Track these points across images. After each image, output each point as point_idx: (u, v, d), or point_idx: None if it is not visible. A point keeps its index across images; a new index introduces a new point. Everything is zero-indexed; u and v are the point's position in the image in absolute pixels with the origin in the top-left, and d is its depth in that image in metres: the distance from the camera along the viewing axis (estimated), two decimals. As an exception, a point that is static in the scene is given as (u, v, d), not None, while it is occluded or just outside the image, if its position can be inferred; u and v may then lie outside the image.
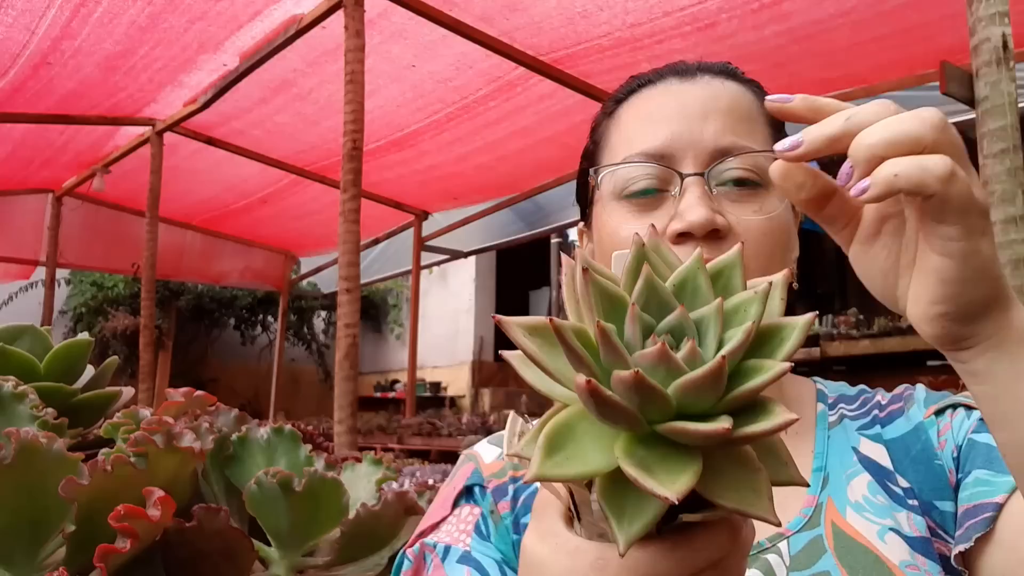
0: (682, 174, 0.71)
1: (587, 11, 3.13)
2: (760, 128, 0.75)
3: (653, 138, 0.73)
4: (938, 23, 2.92)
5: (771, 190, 0.72)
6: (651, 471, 0.37)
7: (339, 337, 2.59)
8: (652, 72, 0.79)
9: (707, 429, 0.36)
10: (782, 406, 0.38)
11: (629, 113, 0.78)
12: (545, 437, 0.40)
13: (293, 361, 10.05)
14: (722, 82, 0.76)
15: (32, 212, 5.94)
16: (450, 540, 0.70)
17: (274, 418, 6.21)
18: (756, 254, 0.70)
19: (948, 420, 0.72)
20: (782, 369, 0.37)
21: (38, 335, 0.94)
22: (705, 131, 0.72)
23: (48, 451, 0.67)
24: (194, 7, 3.32)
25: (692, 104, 0.74)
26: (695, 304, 0.40)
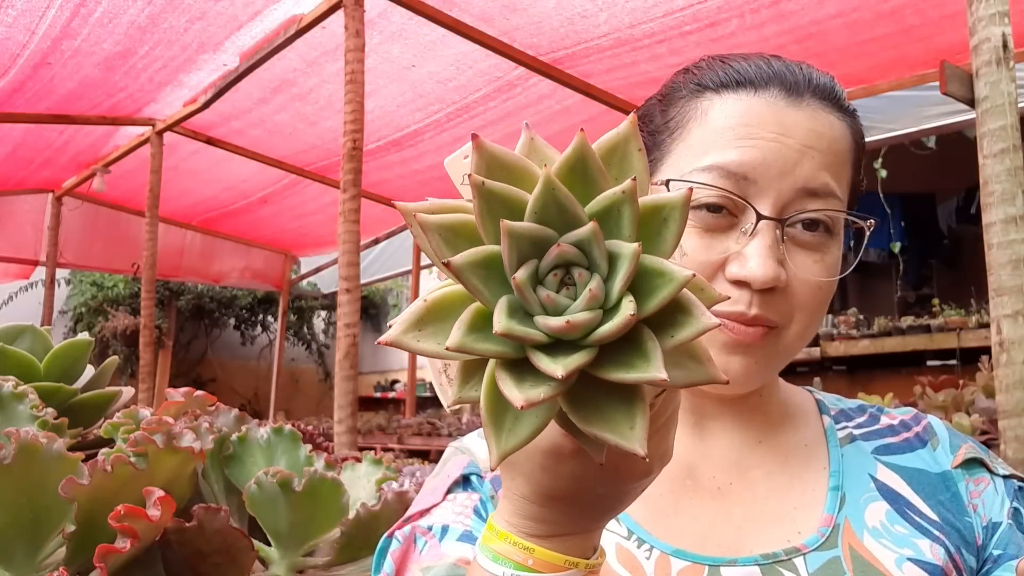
0: (760, 215, 0.67)
1: (587, 11, 3.13)
2: (848, 170, 0.71)
3: (742, 154, 0.67)
4: (938, 23, 2.92)
5: (835, 239, 0.70)
6: (602, 413, 0.38)
7: (339, 337, 2.59)
8: (756, 71, 0.71)
9: (643, 378, 0.36)
10: (700, 305, 0.38)
11: (725, 111, 0.70)
12: (486, 413, 0.39)
13: (293, 361, 10.05)
14: (828, 114, 0.70)
15: (32, 212, 5.94)
16: (446, 521, 0.69)
17: (274, 418, 6.21)
18: (804, 307, 0.68)
19: (977, 487, 0.72)
20: (683, 278, 0.37)
21: (38, 335, 0.94)
22: (799, 169, 0.67)
23: (48, 451, 0.67)
24: (194, 7, 3.32)
25: (794, 135, 0.68)
26: (565, 222, 0.39)
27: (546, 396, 0.36)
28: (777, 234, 0.67)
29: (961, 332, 4.82)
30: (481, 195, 0.38)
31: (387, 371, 11.25)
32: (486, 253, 0.38)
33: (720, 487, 0.72)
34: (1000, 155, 1.62)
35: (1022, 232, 1.59)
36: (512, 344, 0.38)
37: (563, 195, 0.38)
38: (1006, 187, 1.60)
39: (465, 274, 0.38)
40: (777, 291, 0.67)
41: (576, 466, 0.46)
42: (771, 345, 0.69)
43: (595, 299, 0.37)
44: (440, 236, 0.39)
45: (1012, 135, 1.62)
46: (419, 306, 0.40)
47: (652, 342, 0.37)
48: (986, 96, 1.65)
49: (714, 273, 0.68)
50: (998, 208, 1.61)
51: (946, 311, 5.18)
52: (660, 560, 0.67)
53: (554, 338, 0.37)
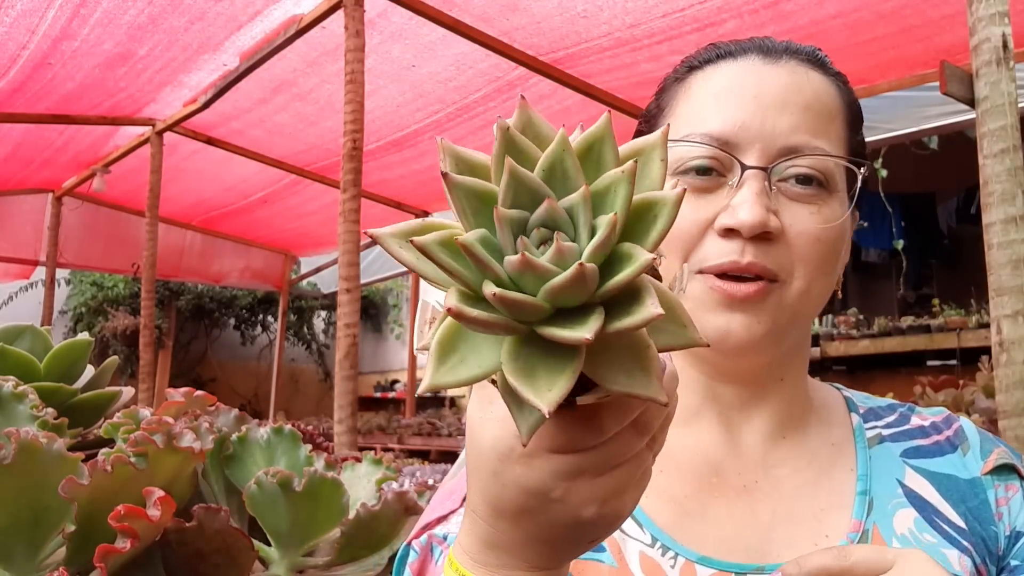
0: (744, 165, 0.67)
1: (587, 11, 3.13)
2: (837, 128, 0.71)
3: (722, 121, 0.68)
4: (938, 23, 2.92)
5: (834, 195, 0.69)
6: (532, 375, 0.37)
7: (339, 337, 2.59)
8: (735, 44, 0.74)
9: (572, 337, 0.36)
10: (654, 296, 0.37)
11: (702, 85, 0.72)
12: (437, 343, 0.39)
13: (293, 361, 10.05)
14: (807, 71, 0.71)
15: (32, 212, 5.94)
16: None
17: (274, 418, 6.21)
18: (805, 259, 0.67)
19: (1006, 494, 0.71)
20: (644, 262, 0.37)
21: (38, 335, 0.94)
22: (779, 124, 0.68)
23: (48, 451, 0.67)
24: (194, 7, 3.32)
25: (771, 91, 0.69)
26: (566, 189, 0.39)
27: (481, 317, 0.37)
28: (765, 184, 0.67)
29: (961, 332, 4.82)
30: (504, 140, 0.39)
31: (387, 371, 11.25)
32: (485, 188, 0.39)
33: (746, 485, 0.71)
34: (1000, 155, 1.62)
35: (1022, 232, 1.59)
36: (473, 272, 0.38)
37: (572, 161, 0.39)
38: (1006, 187, 1.60)
39: (459, 199, 0.39)
40: (773, 241, 0.67)
41: (522, 473, 0.44)
42: (774, 302, 0.67)
43: (560, 254, 0.37)
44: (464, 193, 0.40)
45: (1012, 135, 1.62)
46: (417, 223, 0.41)
47: (596, 316, 0.37)
48: (986, 96, 1.65)
49: (704, 230, 0.68)
50: (998, 208, 1.61)
51: (946, 311, 5.18)
52: (685, 568, 0.66)
53: (515, 283, 0.38)
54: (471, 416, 0.48)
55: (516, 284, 0.38)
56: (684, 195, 0.39)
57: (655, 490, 0.69)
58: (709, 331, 0.67)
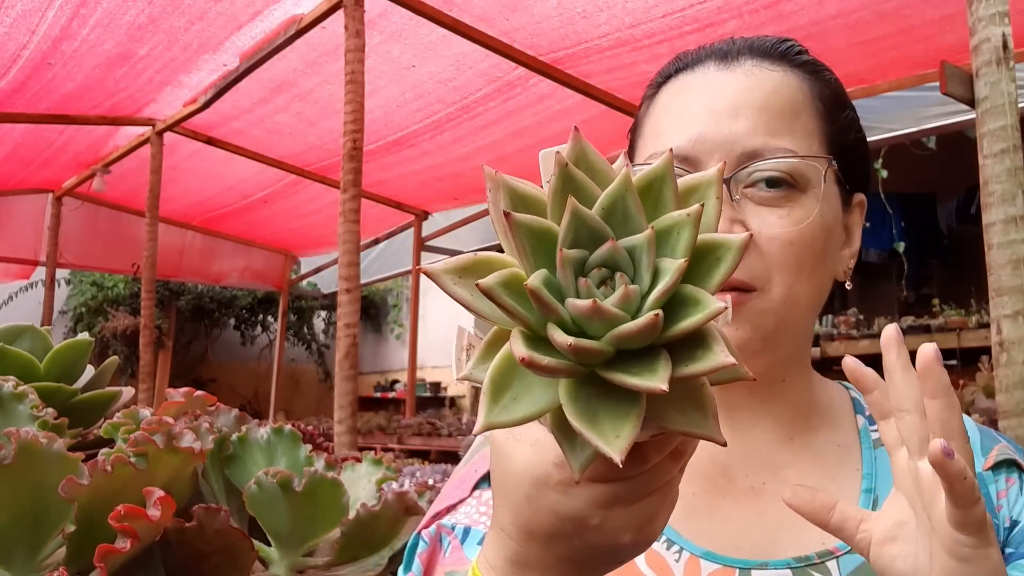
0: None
1: (587, 11, 3.13)
2: (803, 121, 0.69)
3: (679, 136, 0.69)
4: (938, 23, 2.92)
5: (807, 193, 0.68)
6: (595, 417, 0.37)
7: (339, 337, 2.59)
8: (694, 53, 0.73)
9: (645, 386, 0.36)
10: (721, 342, 0.37)
11: (663, 102, 0.73)
12: (490, 381, 0.39)
13: (293, 361, 10.05)
14: (765, 69, 0.70)
15: (32, 212, 5.94)
16: (470, 522, 0.68)
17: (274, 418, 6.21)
18: (779, 265, 0.66)
19: (1006, 486, 0.70)
20: (715, 310, 0.36)
21: (38, 335, 0.94)
22: (733, 130, 0.67)
23: (48, 451, 0.67)
24: (194, 7, 3.32)
25: (723, 99, 0.68)
26: (627, 229, 0.39)
27: (552, 364, 0.37)
28: (726, 195, 0.66)
29: (961, 332, 4.83)
30: (562, 176, 0.39)
31: (387, 371, 11.25)
32: (545, 227, 0.39)
33: (754, 486, 0.71)
34: (1000, 155, 1.62)
35: (1022, 232, 1.59)
36: (535, 315, 0.38)
37: (634, 200, 0.39)
38: (1006, 187, 1.60)
39: (520, 238, 0.39)
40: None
41: (559, 500, 0.44)
42: (752, 310, 0.66)
43: (627, 298, 0.37)
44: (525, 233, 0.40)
45: (1012, 135, 1.62)
46: (468, 259, 0.41)
47: (665, 361, 0.37)
48: (986, 96, 1.65)
49: None
50: (998, 208, 1.61)
51: (946, 311, 5.19)
52: (690, 562, 0.66)
53: (578, 325, 0.38)
54: (497, 438, 0.48)
55: (579, 326, 0.38)
56: (749, 240, 0.39)
57: None
58: None
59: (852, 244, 0.74)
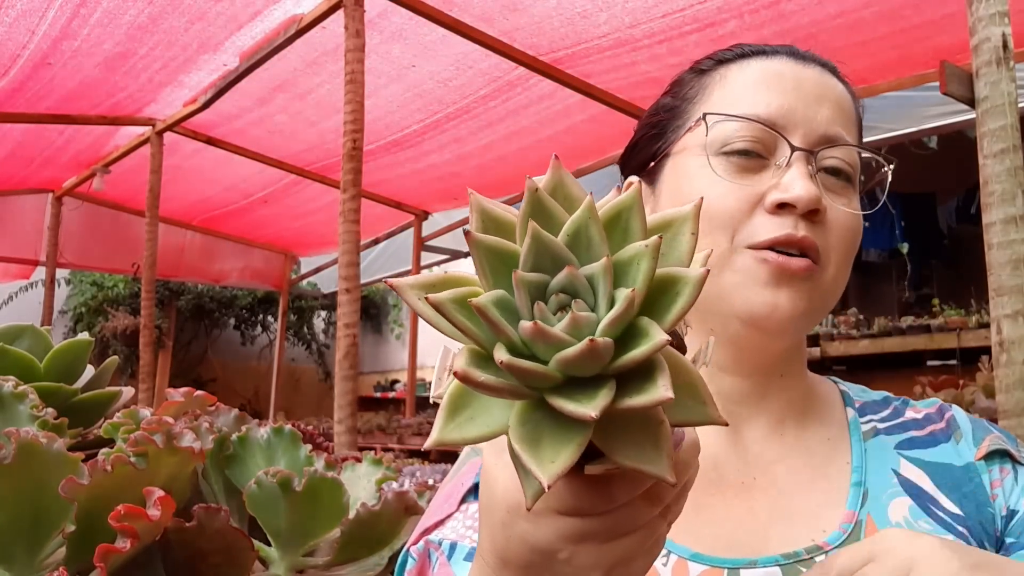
0: (793, 146, 0.70)
1: (587, 11, 3.13)
2: (854, 131, 0.76)
3: (767, 105, 0.71)
4: (938, 23, 2.92)
5: (855, 191, 0.73)
6: (538, 443, 0.37)
7: (339, 337, 2.59)
8: (765, 44, 0.78)
9: (577, 412, 0.36)
10: (666, 377, 0.37)
11: (739, 76, 0.75)
12: (448, 398, 0.39)
13: (293, 361, 10.05)
14: (831, 76, 0.76)
15: (32, 212, 5.94)
16: (456, 537, 0.68)
17: (274, 418, 6.21)
18: (838, 246, 0.70)
19: (1000, 476, 0.71)
20: (658, 343, 0.36)
21: (38, 335, 0.94)
22: (819, 114, 0.72)
23: (48, 451, 0.67)
24: (194, 7, 3.32)
25: (810, 85, 0.73)
26: (589, 256, 0.39)
27: (489, 382, 0.37)
28: (810, 167, 0.70)
29: (961, 332, 4.82)
30: (531, 201, 0.40)
31: (387, 371, 11.25)
32: (507, 248, 0.39)
33: (744, 482, 0.72)
34: (1000, 155, 1.62)
35: (1022, 232, 1.59)
36: (486, 333, 0.38)
37: (597, 228, 0.39)
38: (1006, 187, 1.60)
39: (480, 257, 0.39)
40: (818, 221, 0.69)
41: (529, 529, 0.44)
42: (815, 283, 0.69)
43: (576, 324, 0.37)
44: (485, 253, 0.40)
45: (1012, 135, 1.62)
46: (437, 276, 0.41)
47: (607, 391, 0.37)
48: (986, 96, 1.65)
49: (753, 207, 0.70)
50: (998, 208, 1.61)
51: (946, 311, 5.18)
52: (677, 566, 0.66)
53: (528, 348, 0.38)
54: (486, 460, 0.48)
55: (529, 349, 0.38)
56: (708, 276, 0.39)
57: None
58: (756, 304, 0.69)
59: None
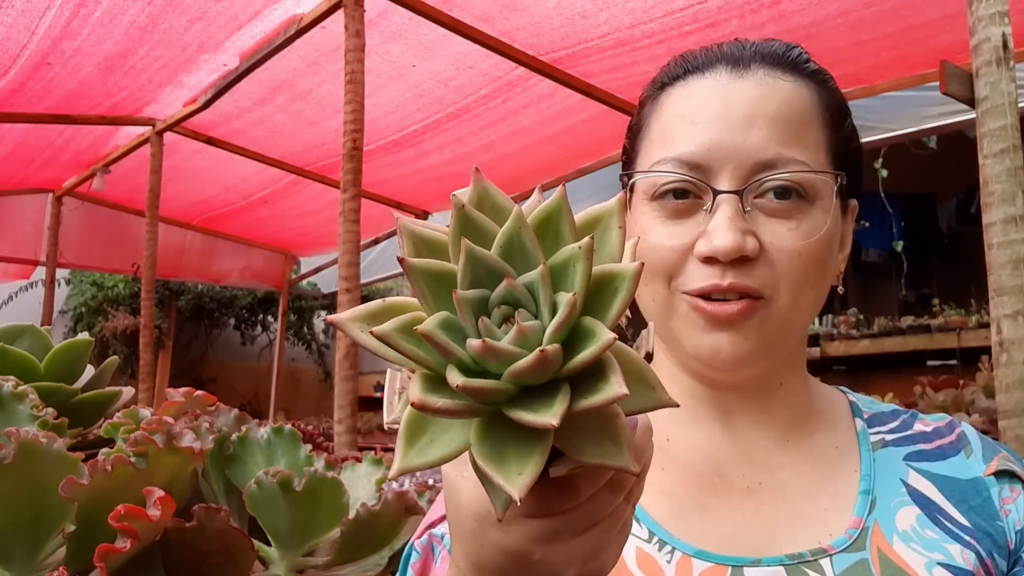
0: (715, 191, 0.67)
1: (587, 11, 3.13)
2: (813, 133, 0.70)
3: (691, 142, 0.68)
4: (938, 23, 2.92)
5: (815, 205, 0.69)
6: (502, 457, 0.37)
7: (339, 337, 2.59)
8: (704, 54, 0.73)
9: (538, 422, 0.36)
10: (618, 373, 0.37)
11: (671, 106, 0.72)
12: (405, 425, 0.39)
13: (293, 361, 10.04)
14: (777, 79, 0.70)
15: (32, 212, 5.94)
16: None
17: (274, 418, 6.21)
18: (787, 275, 0.67)
19: (1011, 495, 0.71)
20: (606, 342, 0.37)
21: (38, 335, 0.94)
22: (748, 141, 0.67)
23: (48, 451, 0.67)
24: (194, 7, 3.32)
25: (738, 107, 0.68)
26: (525, 265, 0.39)
27: (447, 406, 0.37)
28: (739, 207, 0.67)
29: (961, 332, 4.82)
30: (459, 218, 0.40)
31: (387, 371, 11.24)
32: (444, 269, 0.39)
33: (750, 486, 0.71)
34: (1000, 155, 1.62)
35: (1022, 232, 1.59)
36: (435, 356, 0.38)
37: (529, 236, 0.39)
38: (1006, 187, 1.60)
39: (419, 282, 0.39)
40: (753, 261, 0.67)
41: (500, 536, 0.44)
42: (759, 318, 0.67)
43: (522, 334, 0.37)
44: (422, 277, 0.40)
45: (1012, 135, 1.62)
46: (377, 305, 0.41)
47: (563, 396, 0.37)
48: (986, 96, 1.65)
49: (686, 255, 0.69)
50: (998, 208, 1.61)
51: (946, 311, 5.18)
52: (682, 562, 0.66)
53: (479, 365, 0.38)
54: (447, 473, 0.48)
55: (480, 365, 0.38)
56: (643, 268, 0.39)
57: (655, 487, 0.69)
58: (701, 349, 0.69)
59: (845, 248, 0.76)
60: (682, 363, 0.74)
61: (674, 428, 0.74)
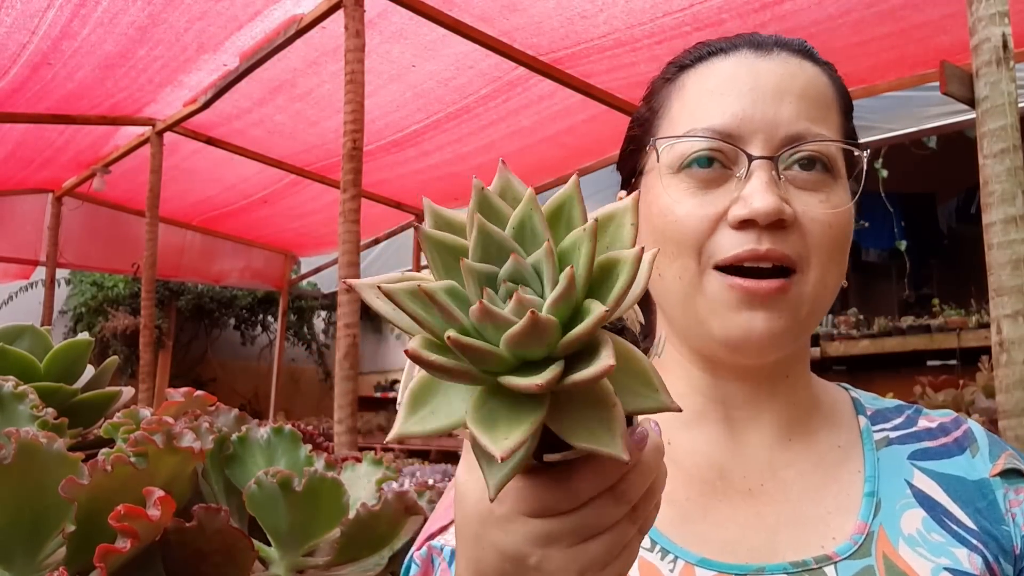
0: (751, 156, 0.67)
1: (587, 11, 3.13)
2: (833, 115, 0.71)
3: (721, 114, 0.68)
4: (938, 23, 2.92)
5: (839, 181, 0.69)
6: (494, 424, 0.38)
7: (339, 337, 2.59)
8: (724, 40, 0.74)
9: (525, 384, 0.37)
10: (610, 348, 0.38)
11: (696, 83, 0.72)
12: (410, 394, 0.41)
13: (293, 361, 10.04)
14: (799, 62, 0.71)
15: (32, 212, 5.94)
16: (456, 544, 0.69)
17: (274, 418, 6.21)
18: (818, 247, 0.67)
19: (1016, 496, 0.70)
20: (599, 315, 0.38)
21: (38, 335, 0.94)
22: (779, 113, 0.68)
23: (48, 451, 0.67)
24: (194, 7, 3.32)
25: (767, 82, 0.69)
26: (535, 246, 0.41)
27: (440, 362, 0.38)
28: (773, 174, 0.67)
29: (961, 332, 4.82)
30: (478, 199, 0.42)
31: (387, 371, 11.25)
32: (456, 242, 0.41)
33: (751, 488, 0.70)
34: (1000, 155, 1.62)
35: (1022, 232, 1.59)
36: (438, 321, 0.39)
37: (540, 218, 0.41)
38: (1006, 187, 1.60)
39: (431, 251, 0.41)
40: (787, 228, 0.66)
41: (500, 537, 0.44)
42: (793, 296, 0.66)
43: (521, 304, 0.38)
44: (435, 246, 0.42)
45: (1012, 135, 1.62)
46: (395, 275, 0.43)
47: (555, 367, 0.38)
48: (986, 96, 1.65)
49: (715, 224, 0.68)
50: (998, 208, 1.61)
51: (946, 311, 5.18)
52: (685, 571, 0.65)
53: (479, 333, 0.39)
54: (458, 479, 0.48)
55: (480, 334, 0.39)
56: (644, 252, 0.40)
57: None
58: (732, 329, 0.67)
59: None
60: (696, 352, 0.73)
61: (677, 432, 0.73)
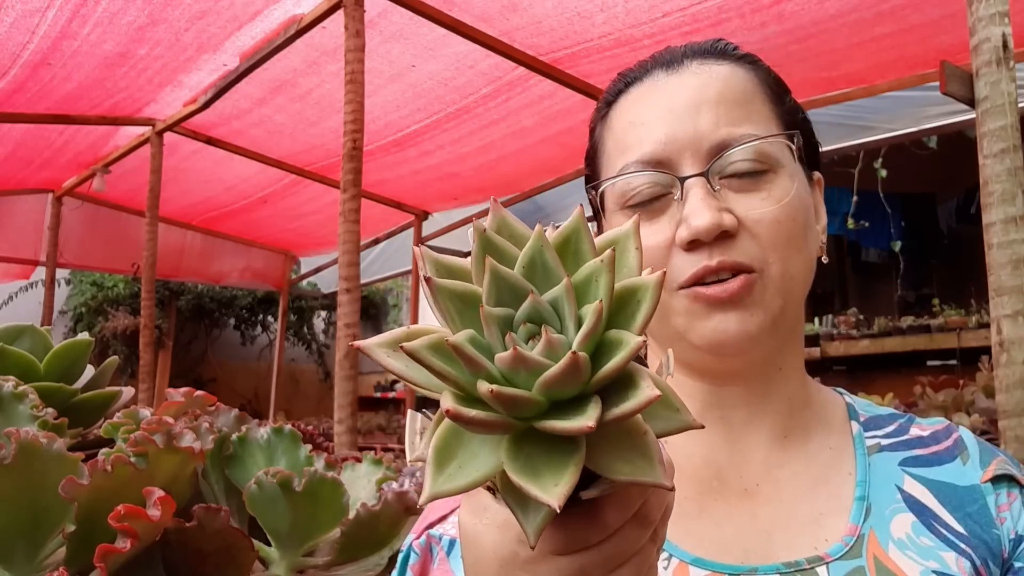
0: (681, 178, 0.69)
1: (587, 11, 3.13)
2: (758, 107, 0.72)
3: (647, 143, 0.70)
4: (938, 23, 2.92)
5: (779, 173, 0.70)
6: (535, 472, 0.37)
7: (339, 337, 2.59)
8: (639, 66, 0.76)
9: (574, 427, 0.36)
10: (648, 379, 0.37)
11: (619, 117, 0.75)
12: (433, 450, 0.39)
13: (293, 361, 10.04)
14: (711, 67, 0.72)
15: (32, 212, 5.93)
16: (456, 533, 0.68)
17: (274, 418, 6.21)
18: (772, 244, 0.68)
19: (1007, 500, 0.71)
20: (636, 345, 0.37)
21: (38, 335, 0.94)
22: (699, 126, 0.69)
23: (48, 451, 0.67)
24: (194, 7, 3.32)
25: (681, 98, 0.70)
26: (548, 283, 0.40)
27: (480, 417, 0.37)
28: (707, 187, 0.68)
29: (961, 332, 4.83)
30: (481, 242, 0.40)
31: (387, 371, 11.23)
32: (468, 290, 0.40)
33: (747, 488, 0.71)
34: (1000, 155, 1.62)
35: (1022, 232, 1.59)
36: (464, 374, 0.38)
37: (551, 255, 0.40)
38: (1006, 187, 1.60)
39: (444, 302, 0.39)
40: (735, 237, 0.67)
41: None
42: (760, 292, 0.68)
43: (551, 346, 0.37)
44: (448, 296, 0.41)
45: (1012, 135, 1.62)
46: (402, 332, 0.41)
47: (594, 404, 0.37)
48: (986, 96, 1.65)
49: (669, 249, 0.69)
50: (998, 208, 1.61)
51: (946, 311, 5.19)
52: (678, 569, 0.66)
53: (508, 380, 0.38)
54: (464, 524, 0.47)
55: (509, 381, 0.38)
56: (665, 278, 0.40)
57: None
58: (707, 334, 0.68)
59: (820, 219, 0.77)
60: (686, 364, 0.74)
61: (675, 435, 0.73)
